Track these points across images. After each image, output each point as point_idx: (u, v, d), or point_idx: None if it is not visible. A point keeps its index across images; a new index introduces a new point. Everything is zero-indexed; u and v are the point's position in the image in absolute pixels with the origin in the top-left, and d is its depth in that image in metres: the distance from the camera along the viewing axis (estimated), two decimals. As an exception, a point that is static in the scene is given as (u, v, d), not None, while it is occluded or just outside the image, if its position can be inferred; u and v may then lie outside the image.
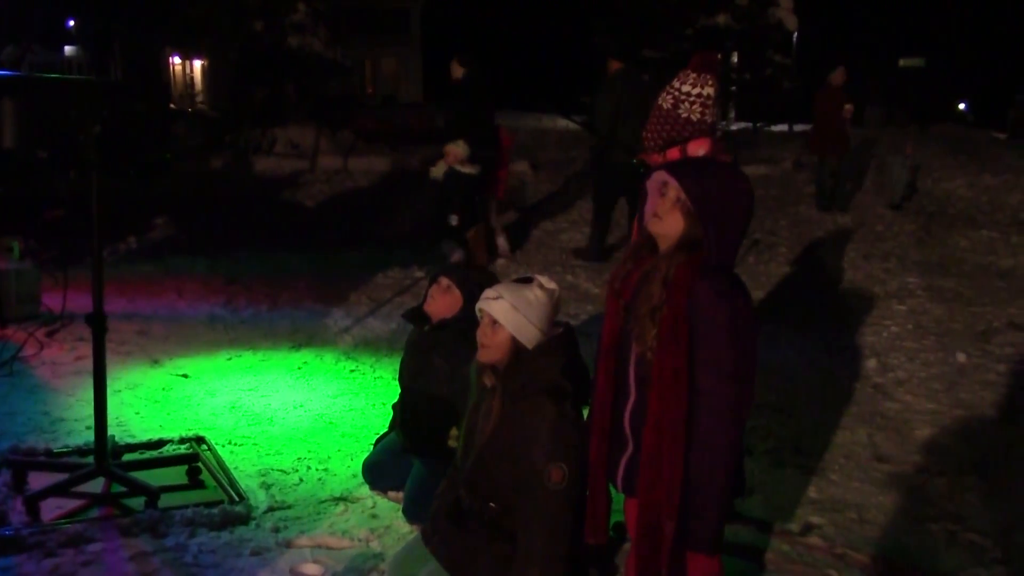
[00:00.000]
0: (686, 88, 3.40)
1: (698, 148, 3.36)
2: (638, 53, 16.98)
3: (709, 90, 3.39)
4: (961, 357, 6.04)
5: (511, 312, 2.80)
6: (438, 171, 8.62)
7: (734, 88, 19.00)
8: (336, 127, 17.37)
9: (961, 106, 39.02)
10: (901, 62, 34.64)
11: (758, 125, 19.04)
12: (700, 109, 3.39)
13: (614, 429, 2.67)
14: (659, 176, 2.51)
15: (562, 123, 19.82)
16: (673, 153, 3.37)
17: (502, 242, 9.10)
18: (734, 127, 19.12)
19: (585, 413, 2.87)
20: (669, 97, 3.41)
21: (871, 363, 5.95)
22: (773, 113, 20.19)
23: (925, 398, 5.36)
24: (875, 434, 4.83)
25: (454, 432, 3.55)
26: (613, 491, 2.75)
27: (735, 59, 19.46)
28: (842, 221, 11.28)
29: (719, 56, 3.79)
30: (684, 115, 3.38)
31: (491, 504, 2.87)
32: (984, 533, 3.77)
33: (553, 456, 2.72)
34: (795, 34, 25.85)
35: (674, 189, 2.46)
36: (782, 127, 23.36)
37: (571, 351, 2.90)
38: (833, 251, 9.54)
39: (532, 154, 17.99)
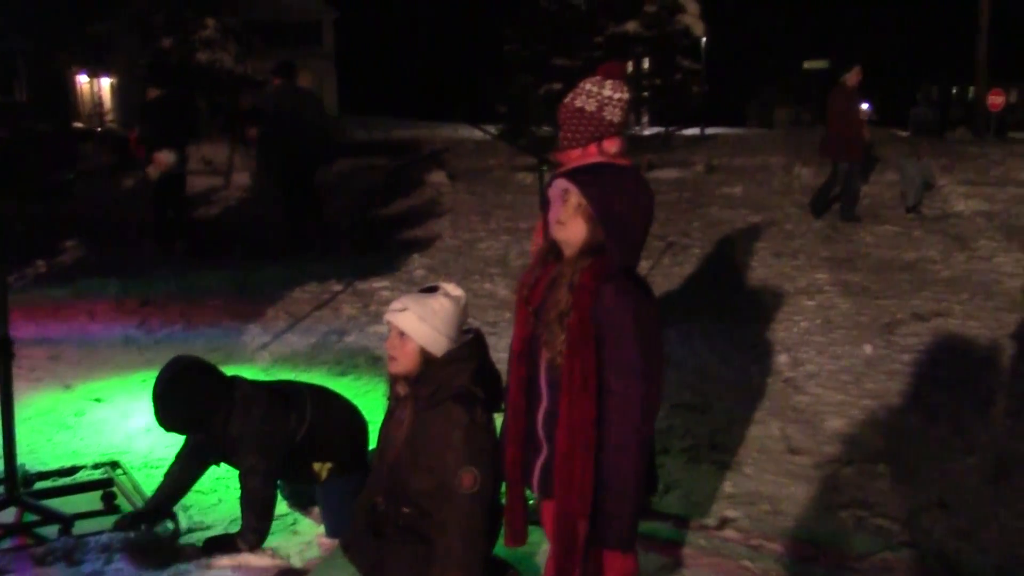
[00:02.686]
0: (607, 92, 3.51)
1: (611, 146, 3.49)
2: (548, 62, 17.19)
3: (626, 95, 3.53)
4: (868, 349, 6.24)
5: (417, 323, 2.84)
6: (155, 173, 9.56)
7: (646, 94, 19.28)
8: (249, 143, 17.15)
9: (864, 106, 40.24)
10: (805, 64, 35.59)
11: (670, 129, 19.35)
12: (620, 112, 3.52)
13: (528, 434, 2.72)
14: (560, 183, 2.57)
15: (478, 133, 19.87)
16: (591, 150, 3.49)
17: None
18: (647, 132, 19.41)
19: (499, 419, 2.91)
20: (592, 101, 3.52)
21: (782, 358, 6.12)
22: (684, 117, 20.54)
23: (834, 390, 5.52)
24: (787, 427, 4.97)
25: (316, 466, 3.62)
26: (530, 494, 2.80)
27: (646, 65, 19.76)
28: (753, 220, 11.53)
29: (627, 64, 3.92)
30: (608, 117, 3.50)
31: (404, 509, 2.91)
32: (891, 518, 3.91)
33: (465, 461, 2.77)
34: (703, 40, 26.40)
35: (575, 196, 2.53)
36: (694, 131, 23.79)
37: (481, 357, 2.95)
38: (745, 250, 9.76)
39: (449, 164, 18.05)
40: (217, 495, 4.12)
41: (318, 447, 3.65)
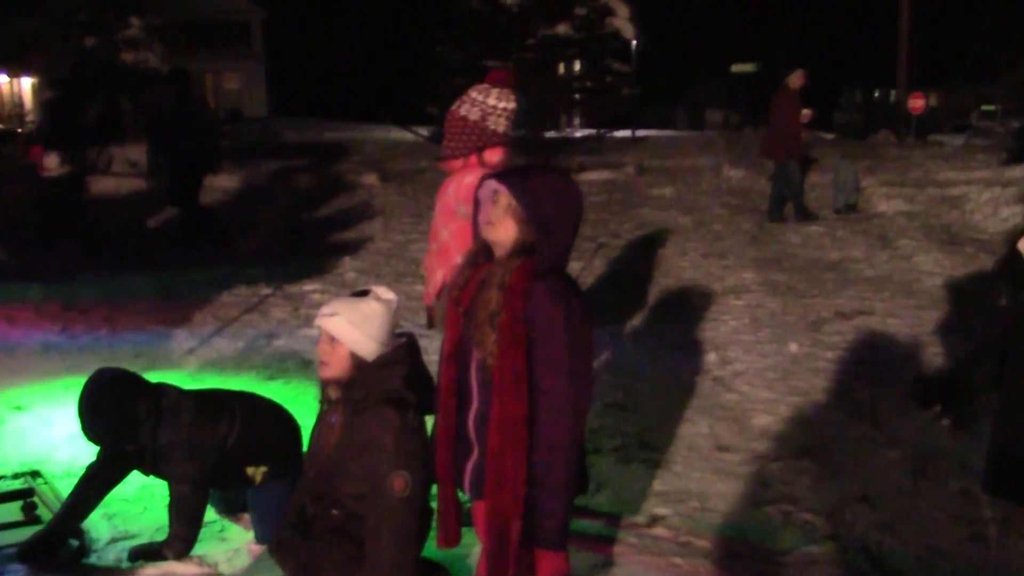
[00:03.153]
0: (491, 102, 3.56)
1: (493, 156, 3.53)
2: (479, 64, 17.16)
3: (512, 104, 3.57)
4: (794, 347, 6.36)
5: (348, 327, 2.82)
6: (52, 170, 9.46)
7: (577, 96, 19.40)
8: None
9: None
10: (733, 68, 36.15)
11: (601, 131, 19.49)
12: (505, 122, 3.58)
13: (459, 435, 2.72)
14: (490, 184, 2.58)
15: (412, 134, 19.84)
16: (472, 160, 3.51)
17: None
18: (578, 134, 19.54)
19: (430, 421, 2.91)
20: (476, 110, 3.56)
21: (711, 357, 6.20)
22: (615, 119, 20.71)
23: (762, 388, 5.62)
24: (716, 425, 5.04)
25: (250, 470, 3.58)
26: (462, 496, 2.81)
27: (577, 68, 19.88)
28: (682, 221, 11.69)
29: (513, 72, 3.99)
30: (492, 127, 3.56)
31: (334, 512, 2.90)
32: (816, 512, 3.99)
33: (396, 465, 2.76)
34: (633, 43, 26.65)
35: (505, 196, 2.54)
36: (625, 133, 24.00)
37: (413, 360, 2.94)
38: (675, 251, 9.89)
39: (380, 166, 17.96)
40: (142, 503, 4.04)
41: (250, 452, 3.61)
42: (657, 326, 7.01)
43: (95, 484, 3.66)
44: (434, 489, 2.88)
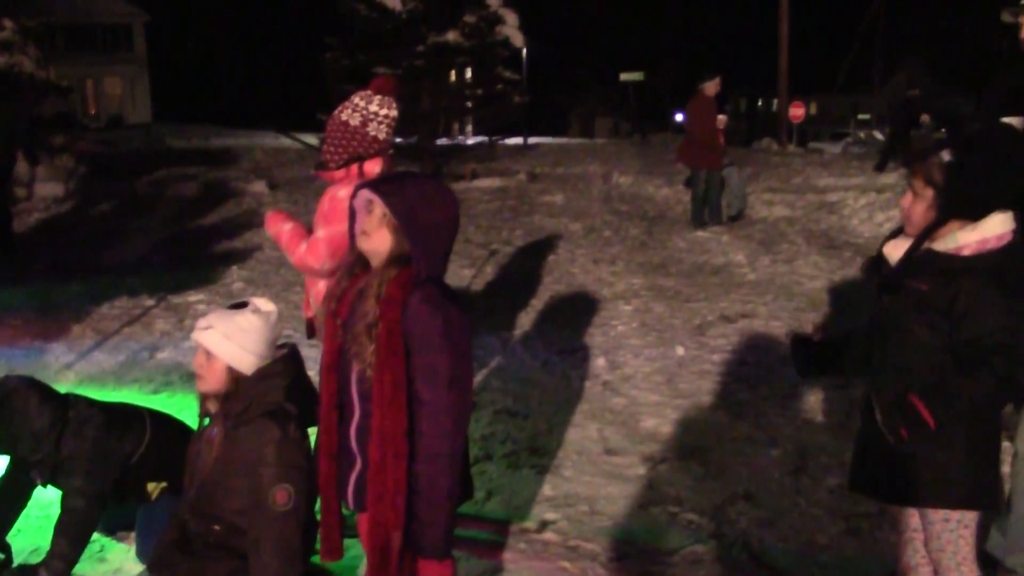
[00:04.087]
0: (373, 108, 3.54)
1: (373, 168, 3.53)
2: (369, 71, 17.06)
3: (394, 112, 3.57)
4: (680, 350, 6.49)
5: (223, 341, 2.77)
6: None
7: (469, 104, 19.42)
8: (54, 152, 16.27)
9: (679, 117, 41.94)
10: (622, 76, 36.74)
11: (493, 139, 19.56)
12: (386, 129, 3.57)
13: (341, 447, 2.69)
14: (364, 194, 2.56)
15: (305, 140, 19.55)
16: (353, 172, 3.50)
17: None
18: (470, 141, 19.56)
19: (314, 433, 2.87)
20: (357, 115, 3.53)
21: (600, 362, 6.28)
22: (507, 127, 20.82)
23: (649, 391, 5.72)
24: (605, 429, 5.11)
25: (151, 486, 3.50)
26: (346, 509, 2.77)
27: (468, 75, 19.91)
28: (573, 227, 11.82)
29: (396, 81, 4.00)
30: (372, 133, 3.54)
31: (215, 527, 2.84)
32: (700, 512, 4.08)
33: (278, 479, 2.72)
34: (524, 51, 26.83)
35: (379, 206, 2.52)
36: (517, 140, 24.16)
37: (295, 372, 2.90)
38: (565, 257, 9.99)
39: (269, 173, 17.67)
40: (17, 525, 3.87)
41: (153, 468, 3.51)
42: (547, 332, 7.06)
43: (8, 496, 3.52)
44: (318, 502, 2.85)
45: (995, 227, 2.53)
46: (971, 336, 2.50)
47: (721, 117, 11.30)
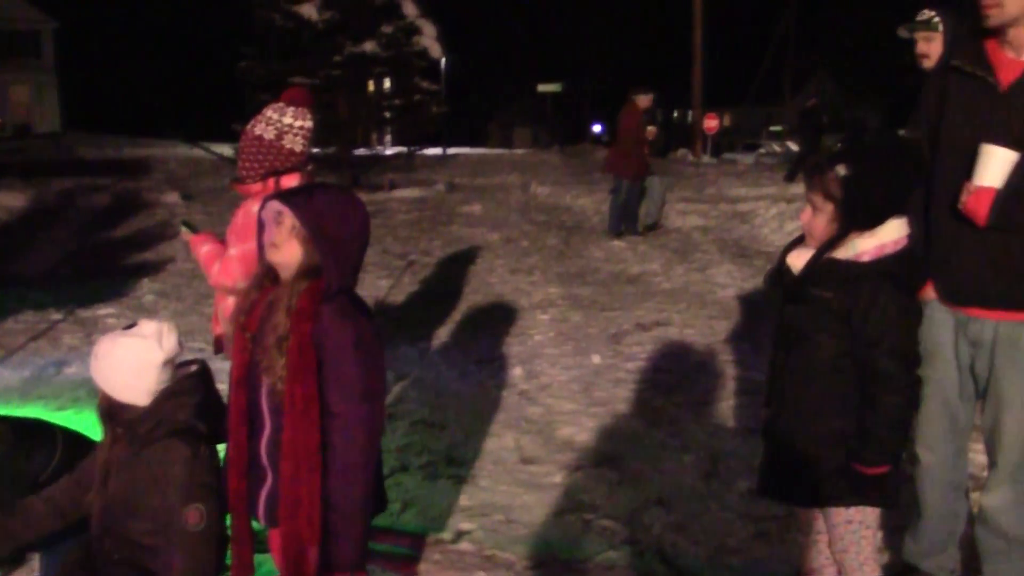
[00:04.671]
0: (287, 120, 3.51)
1: (291, 181, 3.51)
2: (285, 80, 16.92)
3: (309, 123, 3.53)
4: (596, 359, 6.56)
5: (110, 374, 2.75)
6: None
7: (387, 114, 19.37)
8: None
9: (596, 128, 42.43)
10: (540, 87, 37.02)
11: (412, 149, 19.54)
12: (302, 141, 3.53)
13: (252, 462, 2.66)
14: (273, 206, 2.54)
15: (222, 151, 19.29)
16: (271, 185, 3.46)
17: None
18: (389, 151, 19.52)
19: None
20: (271, 129, 3.49)
21: (517, 371, 6.32)
22: (426, 137, 20.83)
23: (565, 400, 5.77)
24: (521, 438, 5.14)
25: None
26: (256, 524, 2.75)
27: (387, 85, 19.87)
28: (491, 237, 11.87)
29: (310, 91, 4.02)
30: (288, 146, 3.51)
31: (122, 547, 2.78)
32: (615, 518, 4.13)
33: (189, 498, 2.68)
34: (442, 61, 26.87)
35: (289, 218, 2.51)
36: (436, 151, 24.16)
37: (204, 389, 2.86)
38: (484, 267, 10.02)
39: (184, 184, 17.38)
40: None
41: None
42: (465, 342, 7.08)
43: None
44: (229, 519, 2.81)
45: (891, 233, 2.64)
46: (870, 339, 2.60)
47: (651, 128, 11.59)
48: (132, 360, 2.73)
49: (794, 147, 28.18)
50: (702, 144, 26.35)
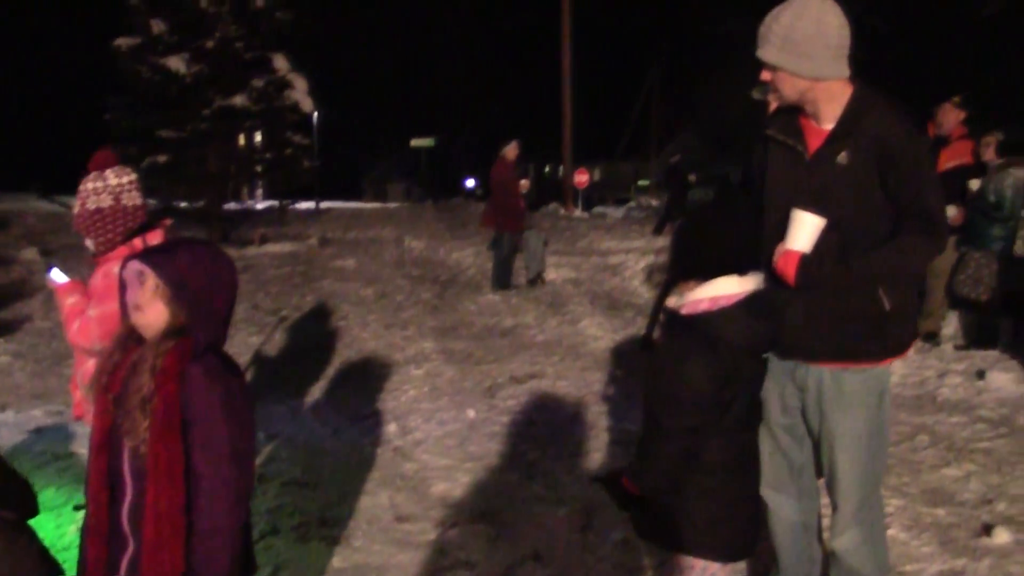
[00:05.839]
0: (113, 181, 3.59)
1: (155, 238, 3.55)
2: (153, 133, 16.57)
3: (131, 176, 3.64)
4: (471, 413, 6.56)
5: None
6: None
7: (259, 168, 19.13)
8: None
9: (470, 182, 42.81)
10: (413, 142, 37.20)
11: (284, 203, 19.31)
12: (136, 193, 3.62)
13: (112, 529, 2.56)
14: (134, 266, 2.48)
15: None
16: (136, 244, 3.45)
17: None
18: (260, 205, 19.23)
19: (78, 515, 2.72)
20: (105, 196, 3.56)
21: (391, 427, 6.26)
22: (298, 191, 20.63)
23: (440, 455, 5.74)
24: (396, 495, 5.08)
25: None
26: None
27: (258, 139, 19.63)
28: (365, 292, 11.78)
29: (112, 151, 4.11)
30: (129, 204, 3.57)
31: None
32: (490, 575, 4.11)
33: None
34: (314, 115, 26.72)
35: (151, 278, 2.45)
36: (309, 205, 23.91)
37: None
38: (357, 322, 9.93)
39: (42, 239, 16.70)
40: None
41: None
42: (338, 399, 6.99)
43: None
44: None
45: (726, 287, 2.76)
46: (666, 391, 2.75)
47: (524, 182, 11.76)
48: None
49: (653, 202, 29.06)
50: (573, 198, 26.86)
